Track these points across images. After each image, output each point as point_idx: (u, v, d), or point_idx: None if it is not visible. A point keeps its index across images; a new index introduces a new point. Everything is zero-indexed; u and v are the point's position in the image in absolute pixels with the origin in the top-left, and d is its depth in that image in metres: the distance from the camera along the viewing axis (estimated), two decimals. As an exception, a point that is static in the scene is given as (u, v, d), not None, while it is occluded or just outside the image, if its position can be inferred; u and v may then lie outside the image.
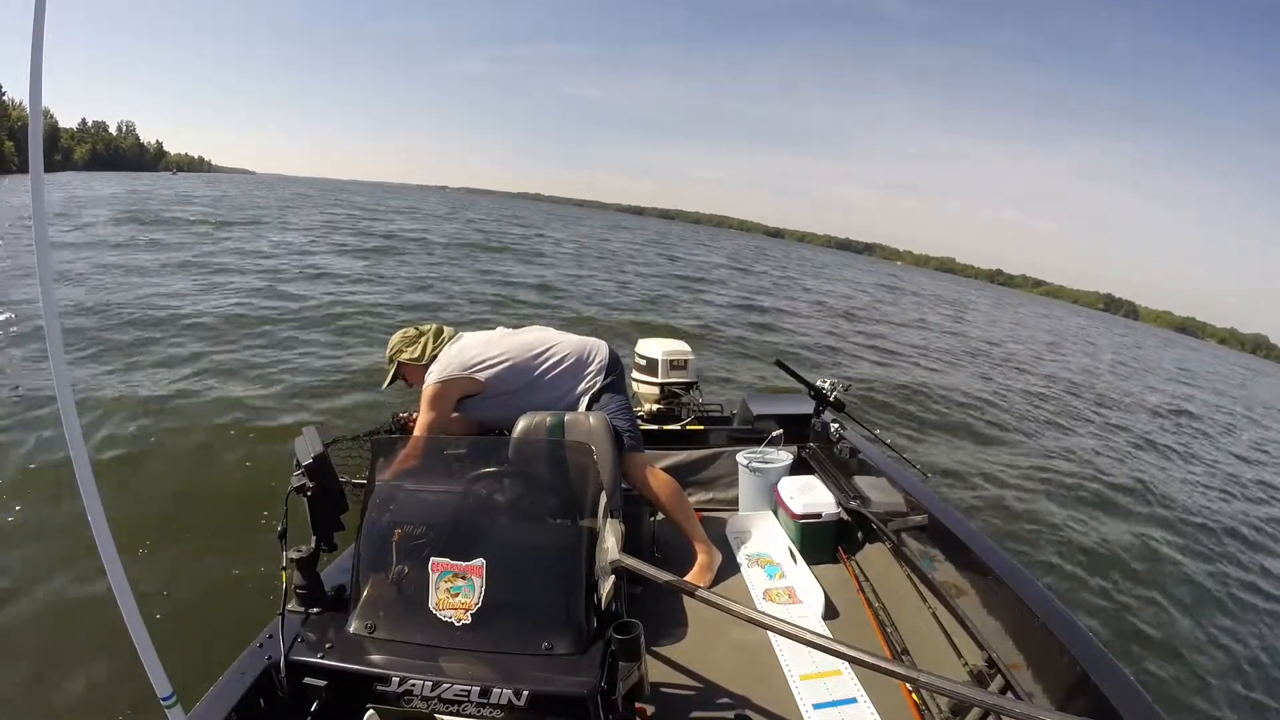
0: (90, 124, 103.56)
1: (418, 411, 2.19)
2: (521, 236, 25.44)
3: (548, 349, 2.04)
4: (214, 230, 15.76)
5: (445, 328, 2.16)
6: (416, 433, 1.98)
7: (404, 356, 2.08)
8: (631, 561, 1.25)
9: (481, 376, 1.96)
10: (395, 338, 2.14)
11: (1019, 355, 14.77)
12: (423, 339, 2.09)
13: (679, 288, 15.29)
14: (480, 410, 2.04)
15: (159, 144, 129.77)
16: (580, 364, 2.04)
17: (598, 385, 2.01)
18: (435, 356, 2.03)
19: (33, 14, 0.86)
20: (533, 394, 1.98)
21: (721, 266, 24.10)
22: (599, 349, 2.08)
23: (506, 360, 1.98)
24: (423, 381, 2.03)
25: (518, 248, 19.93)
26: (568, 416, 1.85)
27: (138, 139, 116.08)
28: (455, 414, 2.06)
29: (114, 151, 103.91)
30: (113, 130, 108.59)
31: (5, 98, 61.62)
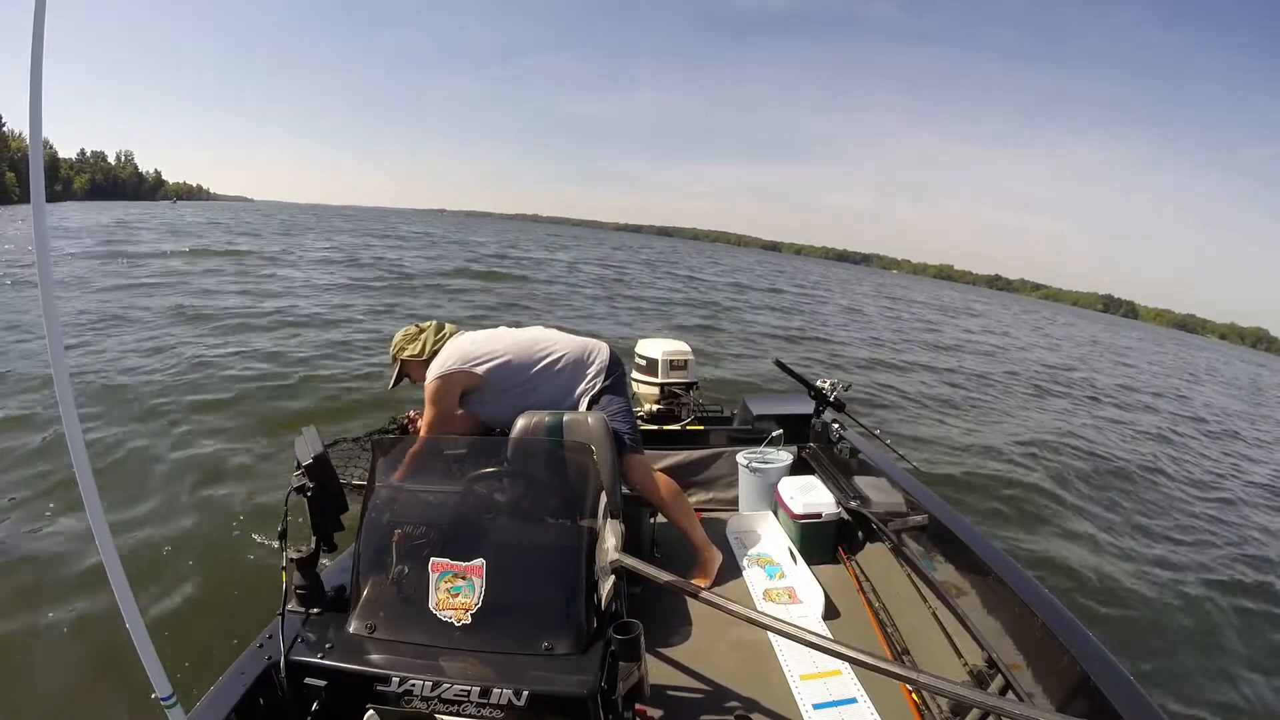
0: (89, 154, 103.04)
1: (421, 411, 2.19)
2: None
3: (548, 348, 2.03)
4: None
5: (447, 324, 2.16)
6: (423, 429, 1.98)
7: (406, 354, 2.08)
8: (631, 561, 1.25)
9: (480, 371, 1.95)
10: (397, 336, 2.14)
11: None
12: (423, 335, 2.10)
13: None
14: (479, 407, 2.04)
15: (157, 173, 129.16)
16: (580, 364, 2.03)
17: (598, 386, 2.00)
18: (436, 352, 2.03)
19: (30, 39, 0.87)
20: (532, 392, 1.98)
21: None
22: (599, 350, 2.07)
23: (506, 357, 1.98)
24: (423, 378, 2.03)
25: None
26: (566, 416, 1.85)
27: (136, 169, 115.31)
28: (459, 411, 2.06)
29: (113, 181, 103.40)
30: (111, 160, 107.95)
31: (5, 129, 61.21)
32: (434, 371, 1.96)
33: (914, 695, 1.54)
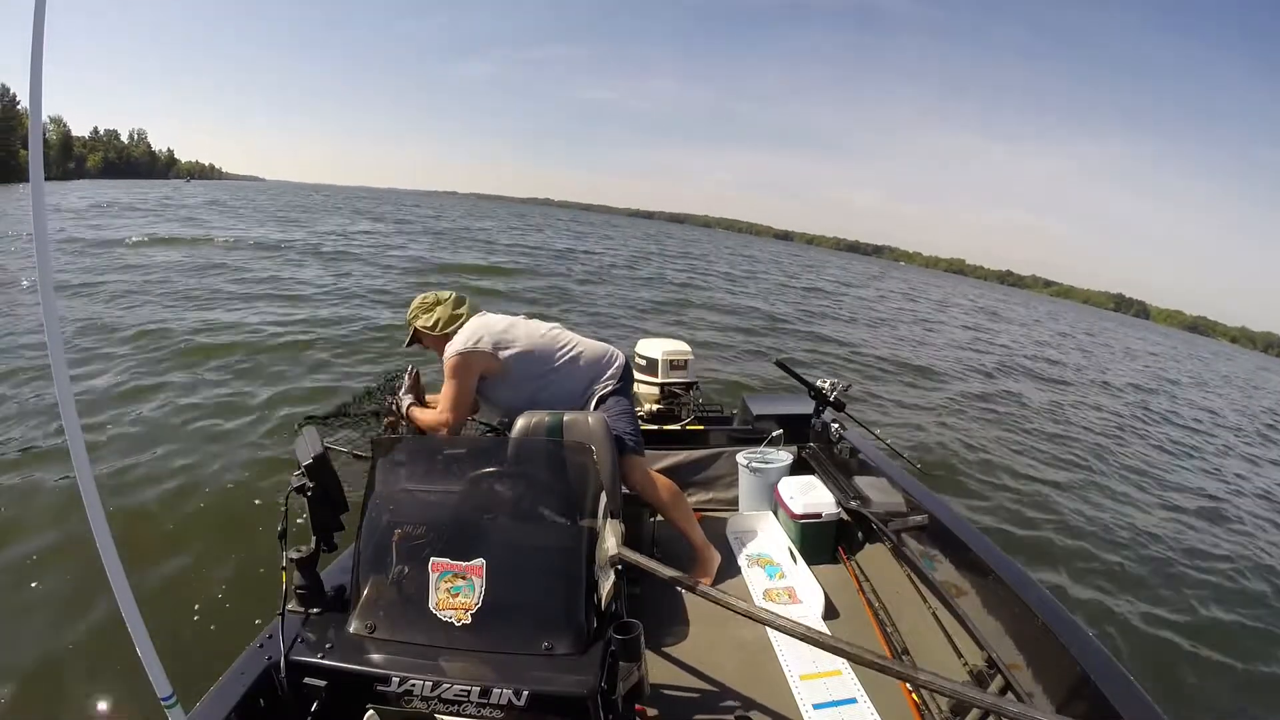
0: (102, 132, 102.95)
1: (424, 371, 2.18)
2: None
3: (567, 345, 2.06)
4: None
5: (465, 298, 2.15)
6: (441, 404, 1.96)
7: (419, 323, 2.08)
8: (632, 555, 1.25)
9: (503, 356, 1.96)
10: (415, 302, 2.13)
11: None
12: (439, 308, 2.09)
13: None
14: (494, 392, 2.02)
15: (170, 152, 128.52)
16: (595, 365, 2.06)
17: (610, 388, 2.03)
18: (450, 330, 2.03)
19: (32, 14, 0.87)
20: (547, 385, 1.99)
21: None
22: (616, 355, 2.12)
23: (529, 347, 1.99)
24: (435, 348, 2.04)
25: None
26: (566, 416, 1.85)
27: (149, 147, 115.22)
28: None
29: (126, 160, 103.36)
30: (124, 139, 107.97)
31: (19, 108, 60.71)
32: (457, 346, 1.95)
33: (914, 695, 1.54)
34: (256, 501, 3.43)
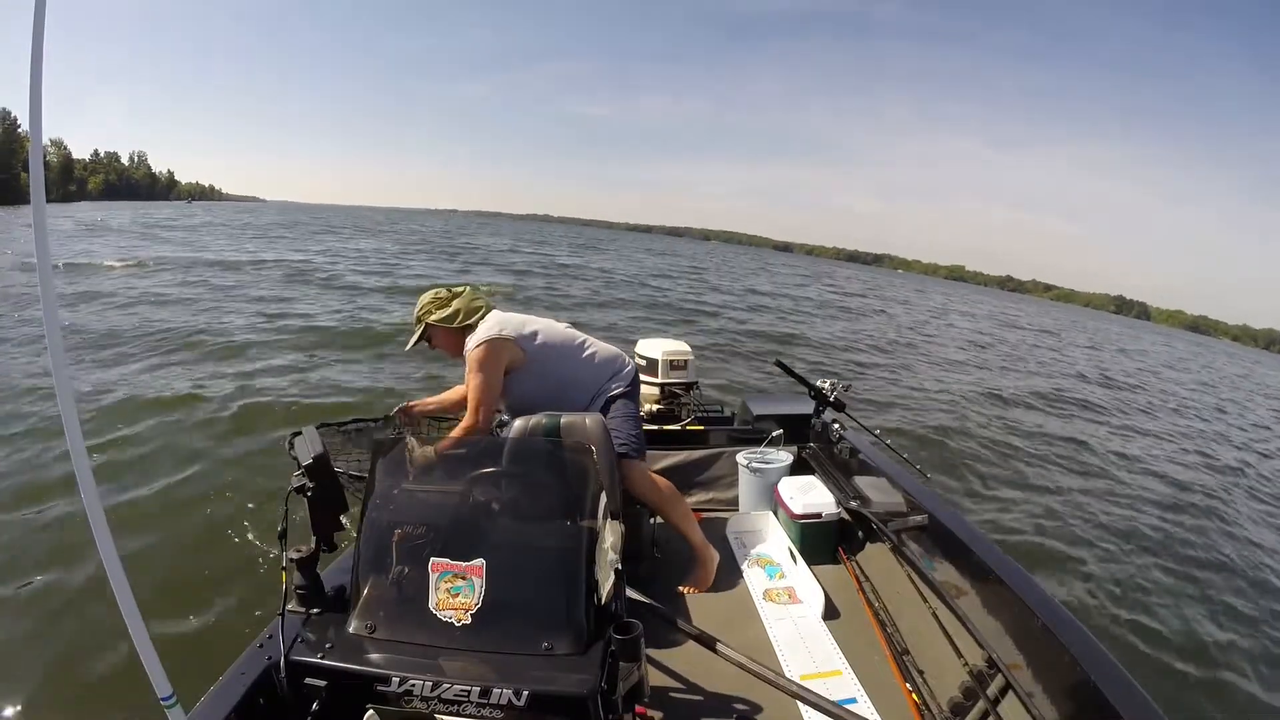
0: (103, 155, 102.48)
1: (419, 401, 2.16)
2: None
3: (584, 342, 2.07)
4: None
5: (479, 292, 2.09)
6: (470, 397, 1.89)
7: (433, 317, 1.99)
8: (641, 599, 1.23)
9: (527, 348, 1.94)
10: (425, 297, 2.05)
11: None
12: (456, 300, 2.02)
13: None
14: (513, 387, 1.98)
15: (170, 174, 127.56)
16: (609, 366, 2.07)
17: (620, 390, 2.04)
18: (470, 323, 1.97)
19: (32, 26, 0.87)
20: (565, 381, 1.99)
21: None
22: (627, 361, 2.14)
23: (550, 340, 1.99)
24: (449, 345, 2.00)
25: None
26: (564, 418, 1.85)
27: (149, 169, 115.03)
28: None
29: (126, 182, 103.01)
30: (125, 161, 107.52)
31: (19, 130, 60.09)
32: (481, 336, 1.91)
33: (914, 695, 1.54)
34: (255, 501, 3.43)
